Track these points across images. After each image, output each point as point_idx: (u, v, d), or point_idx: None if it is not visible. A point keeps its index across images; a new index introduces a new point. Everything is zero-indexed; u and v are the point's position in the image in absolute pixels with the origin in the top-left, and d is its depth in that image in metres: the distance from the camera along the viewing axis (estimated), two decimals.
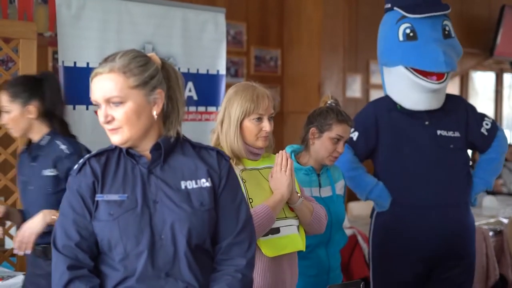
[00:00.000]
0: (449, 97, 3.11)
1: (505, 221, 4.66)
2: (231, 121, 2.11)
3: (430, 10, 2.96)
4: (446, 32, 3.00)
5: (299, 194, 2.18)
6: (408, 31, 2.99)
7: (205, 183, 1.66)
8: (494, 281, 4.31)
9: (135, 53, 1.65)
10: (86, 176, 1.64)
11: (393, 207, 3.02)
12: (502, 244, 4.51)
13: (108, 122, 1.60)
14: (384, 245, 3.07)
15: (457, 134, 2.99)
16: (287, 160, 2.15)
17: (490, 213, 4.93)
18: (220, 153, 1.72)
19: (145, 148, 1.65)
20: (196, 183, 1.65)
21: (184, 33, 3.34)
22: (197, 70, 3.39)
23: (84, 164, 1.66)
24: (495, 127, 3.10)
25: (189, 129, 1.76)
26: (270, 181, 2.14)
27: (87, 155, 1.69)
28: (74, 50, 2.95)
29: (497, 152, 3.09)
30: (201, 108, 3.39)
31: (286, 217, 2.14)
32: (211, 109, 3.45)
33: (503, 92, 8.14)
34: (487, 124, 3.08)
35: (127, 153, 1.67)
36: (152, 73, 1.62)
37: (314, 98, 5.02)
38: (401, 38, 3.01)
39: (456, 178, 2.98)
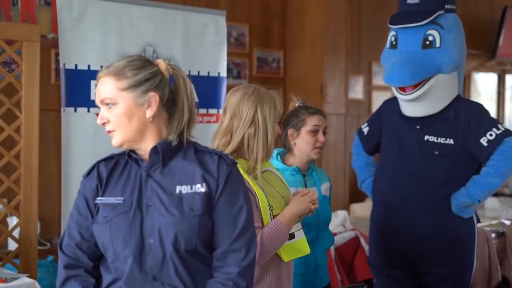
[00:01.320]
0: (460, 103, 2.96)
1: (508, 222, 4.64)
2: (267, 124, 2.07)
3: (405, 22, 2.94)
4: (427, 43, 2.89)
5: None
6: (392, 39, 3.05)
7: (199, 188, 1.64)
8: (496, 282, 4.30)
9: (135, 57, 1.68)
10: (91, 179, 1.70)
11: (376, 203, 3.12)
12: (505, 245, 4.49)
13: (103, 124, 1.65)
14: (372, 239, 3.15)
15: (449, 141, 2.88)
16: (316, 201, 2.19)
17: (492, 214, 4.92)
18: (222, 157, 1.70)
19: (146, 152, 1.67)
20: (191, 188, 1.64)
21: (185, 36, 3.35)
22: (198, 72, 3.40)
23: (93, 168, 1.72)
24: (500, 139, 2.79)
25: None
26: (295, 195, 2.16)
27: (99, 159, 1.73)
28: (75, 53, 2.96)
29: (493, 167, 2.79)
30: (202, 111, 3.40)
31: (297, 221, 2.17)
32: (212, 111, 3.46)
33: (505, 93, 8.12)
34: (491, 135, 2.81)
35: (129, 156, 1.70)
36: (146, 76, 1.64)
37: (317, 100, 5.03)
38: (388, 45, 3.09)
39: (431, 185, 2.89)
